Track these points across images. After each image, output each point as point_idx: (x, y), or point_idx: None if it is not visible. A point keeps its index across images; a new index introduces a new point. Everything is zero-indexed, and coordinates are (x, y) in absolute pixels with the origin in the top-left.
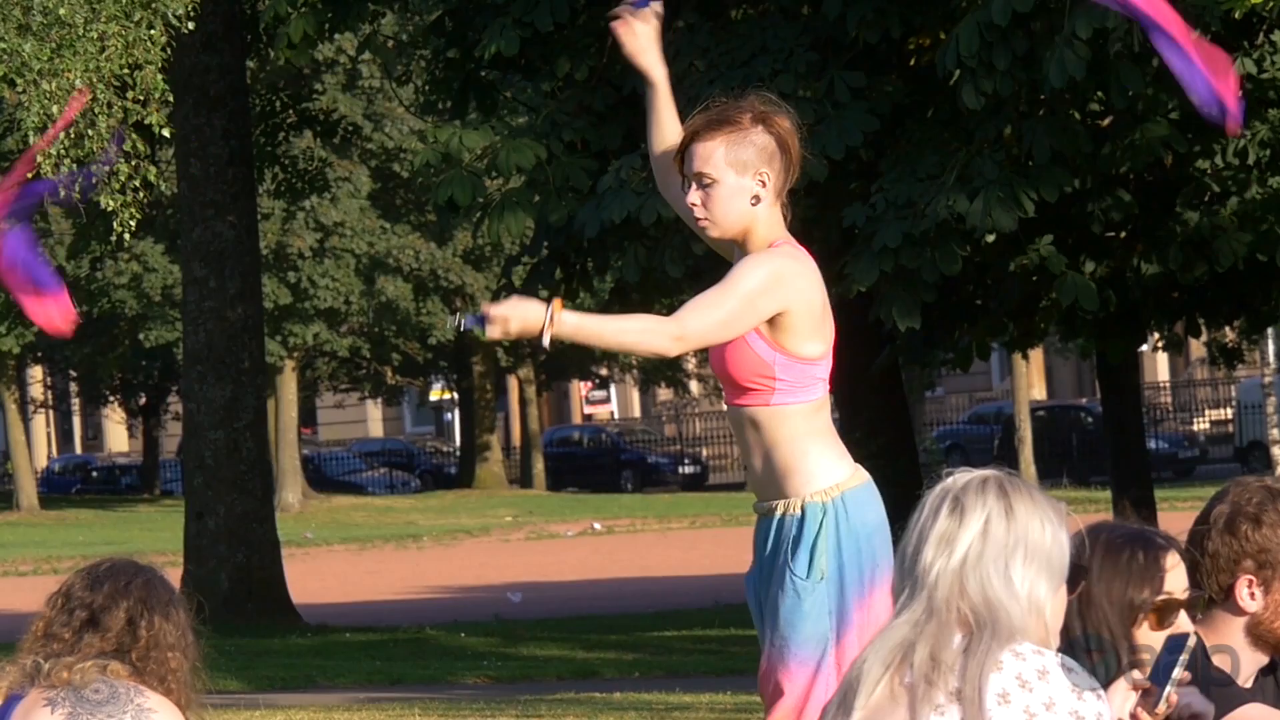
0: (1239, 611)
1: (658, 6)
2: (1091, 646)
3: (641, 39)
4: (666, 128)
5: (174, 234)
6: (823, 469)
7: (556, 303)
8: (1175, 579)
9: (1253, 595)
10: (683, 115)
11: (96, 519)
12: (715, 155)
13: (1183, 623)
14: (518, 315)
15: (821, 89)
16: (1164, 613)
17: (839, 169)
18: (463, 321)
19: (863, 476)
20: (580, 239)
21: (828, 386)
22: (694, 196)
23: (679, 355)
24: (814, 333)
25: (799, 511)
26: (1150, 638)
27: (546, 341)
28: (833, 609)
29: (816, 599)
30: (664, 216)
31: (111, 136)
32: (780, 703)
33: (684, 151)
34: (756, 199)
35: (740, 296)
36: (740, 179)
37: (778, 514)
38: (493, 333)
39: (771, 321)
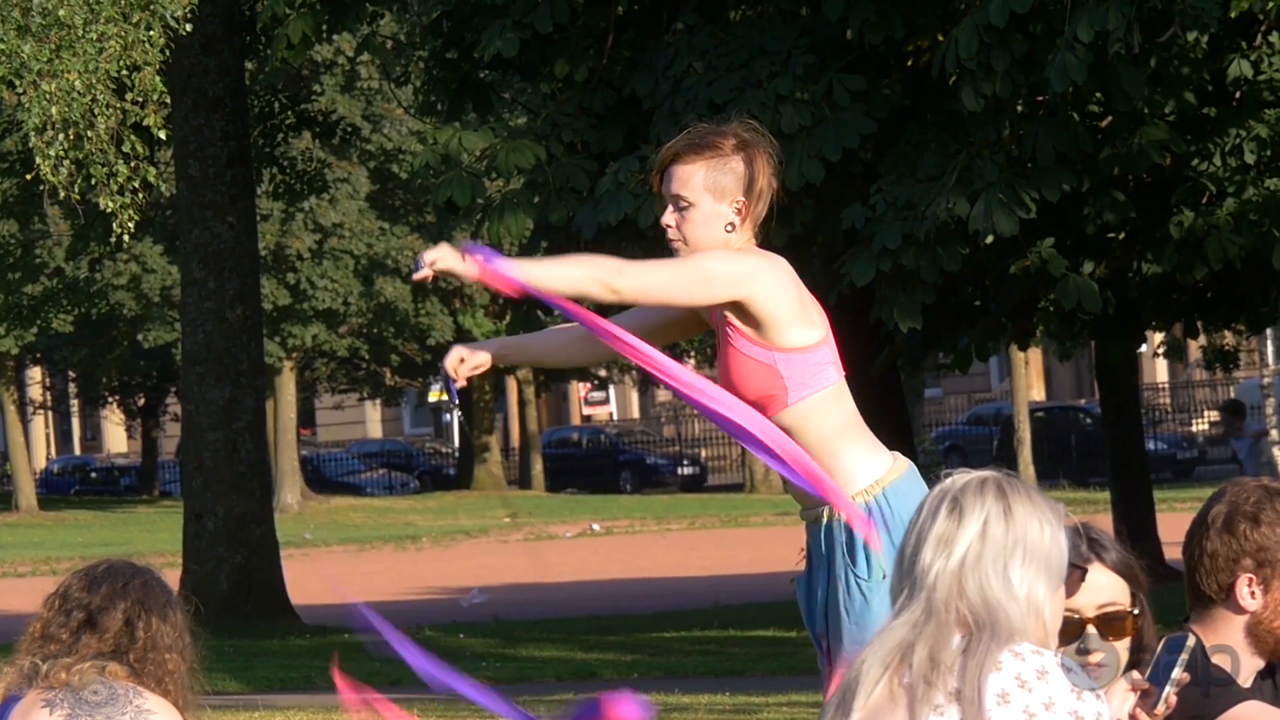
0: (1239, 611)
1: None
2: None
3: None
4: (562, 336)
5: (173, 235)
6: (859, 468)
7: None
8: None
9: (1253, 594)
10: (669, 133)
11: (95, 520)
12: (694, 179)
13: (1090, 639)
14: (444, 253)
15: (819, 91)
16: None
17: (839, 170)
18: (444, 397)
19: (901, 466)
20: (577, 240)
21: (841, 370)
22: (669, 218)
23: (612, 304)
24: (798, 320)
25: (844, 515)
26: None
27: (479, 273)
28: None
29: (883, 597)
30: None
31: None
32: None
33: (663, 172)
34: (731, 226)
35: (693, 264)
36: (717, 205)
37: (824, 520)
38: (423, 274)
39: (749, 321)
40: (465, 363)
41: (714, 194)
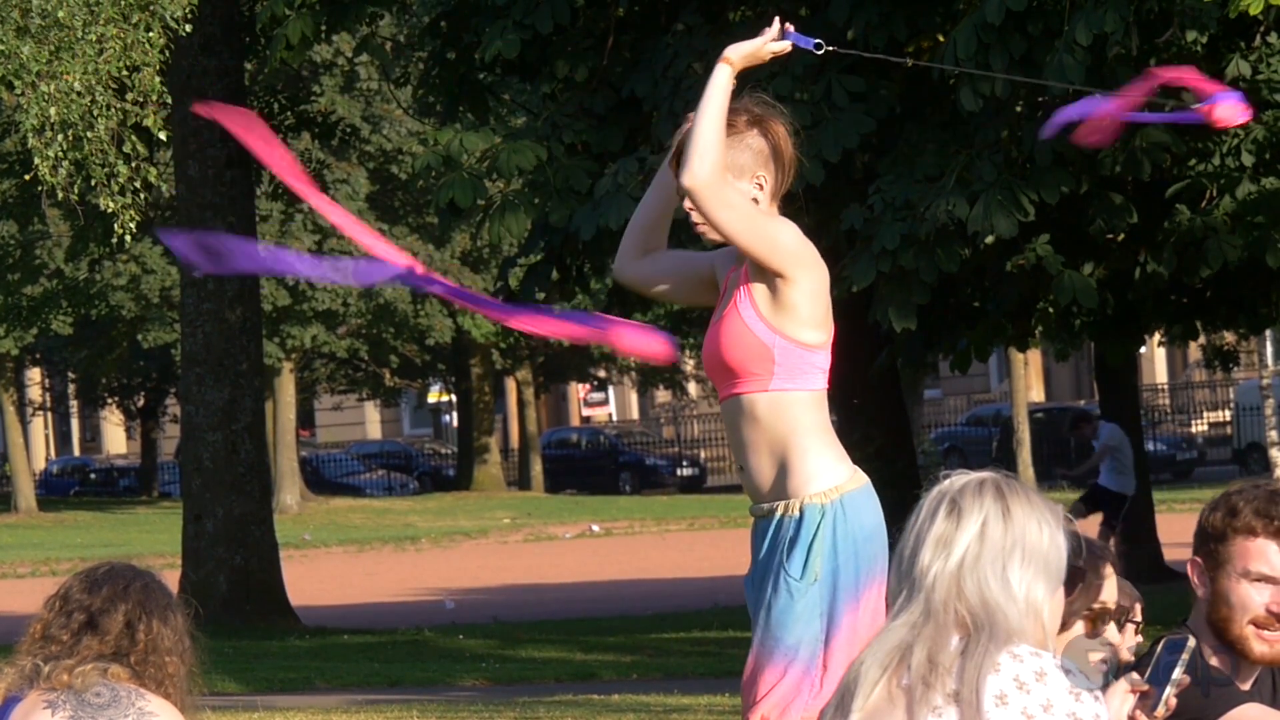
0: (1197, 597)
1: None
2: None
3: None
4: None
5: None
6: (822, 469)
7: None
8: (1109, 588)
9: (1200, 581)
10: (670, 134)
11: (95, 521)
12: None
13: (1110, 633)
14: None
15: (819, 92)
16: (1097, 620)
17: (839, 171)
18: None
19: (861, 479)
20: (577, 241)
21: (826, 383)
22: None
23: (684, 192)
24: (817, 320)
25: (797, 513)
26: (1078, 645)
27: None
28: (824, 611)
29: (809, 601)
30: None
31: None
32: (765, 700)
33: (680, 155)
34: (755, 202)
35: (765, 223)
36: (737, 182)
37: (776, 515)
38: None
39: (773, 299)
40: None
41: (734, 173)
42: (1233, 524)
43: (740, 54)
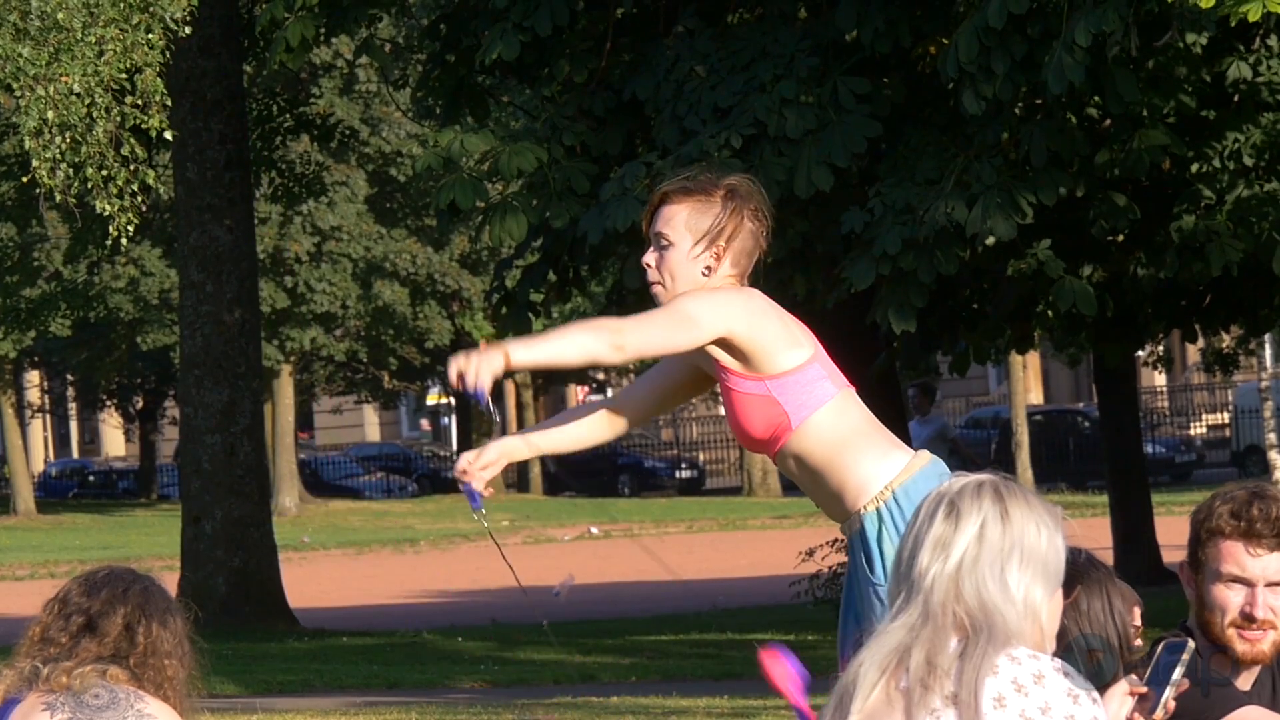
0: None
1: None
2: (1093, 646)
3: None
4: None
5: (171, 238)
6: (869, 475)
7: (498, 346)
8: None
9: (1188, 581)
10: (673, 137)
11: (93, 523)
12: (677, 219)
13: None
14: (470, 362)
15: (825, 95)
16: None
17: (839, 174)
18: (474, 505)
19: (918, 463)
20: (575, 243)
21: (842, 382)
22: (649, 257)
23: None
24: (783, 342)
25: (859, 526)
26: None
27: (496, 373)
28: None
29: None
30: None
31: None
32: None
33: (654, 211)
34: (708, 270)
35: (676, 309)
36: (694, 248)
37: (849, 536)
38: (455, 380)
39: (738, 356)
40: (475, 463)
41: (693, 235)
42: (1208, 526)
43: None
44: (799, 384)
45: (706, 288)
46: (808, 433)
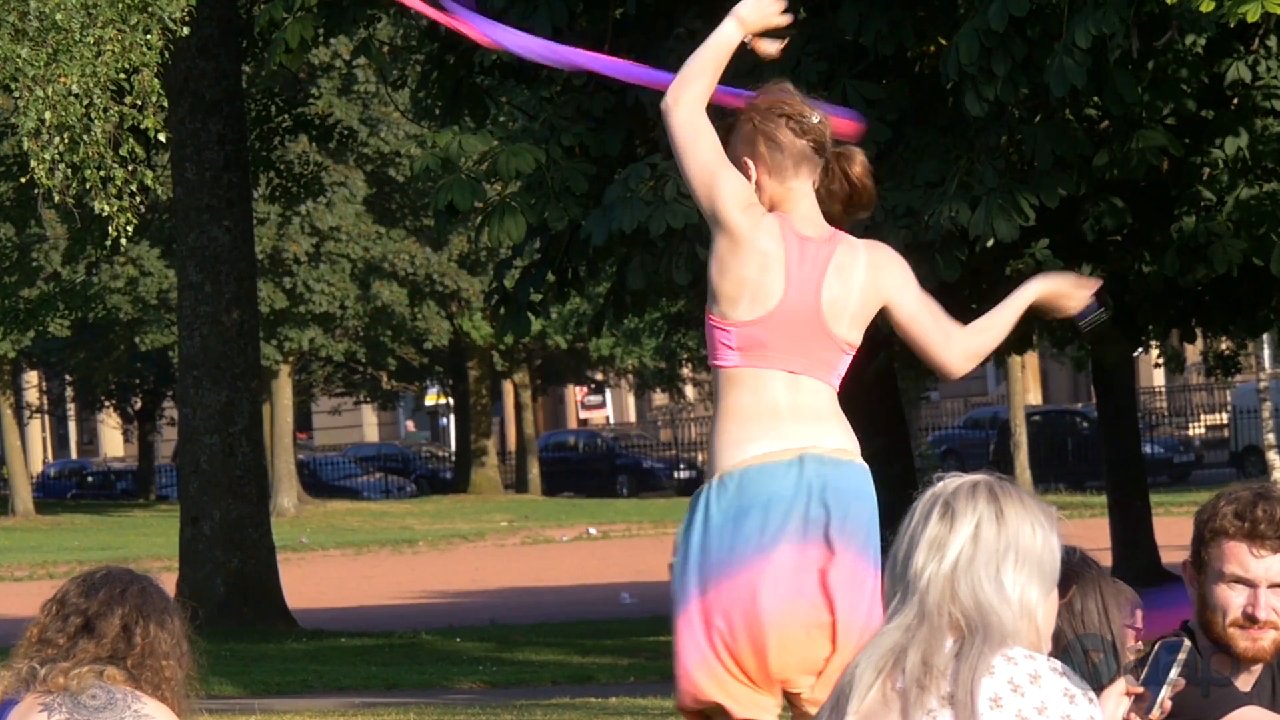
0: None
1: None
2: (1091, 647)
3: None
4: None
5: (170, 239)
6: (720, 453)
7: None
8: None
9: (1190, 580)
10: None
11: (92, 524)
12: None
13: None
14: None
15: (834, 99)
16: None
17: None
18: None
19: (779, 457)
20: (575, 244)
21: (756, 361)
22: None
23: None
24: (724, 292)
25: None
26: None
27: None
28: (684, 580)
29: (674, 570)
30: (673, 227)
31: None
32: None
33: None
34: (756, 182)
35: (723, 174)
36: (742, 162)
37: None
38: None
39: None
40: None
41: (743, 154)
42: (1212, 526)
43: (753, 15)
44: (714, 335)
45: (752, 204)
46: (717, 376)
